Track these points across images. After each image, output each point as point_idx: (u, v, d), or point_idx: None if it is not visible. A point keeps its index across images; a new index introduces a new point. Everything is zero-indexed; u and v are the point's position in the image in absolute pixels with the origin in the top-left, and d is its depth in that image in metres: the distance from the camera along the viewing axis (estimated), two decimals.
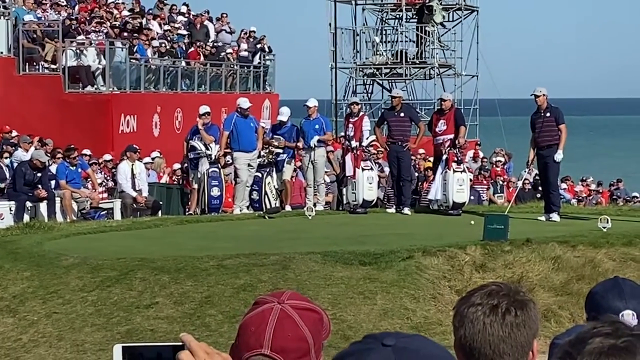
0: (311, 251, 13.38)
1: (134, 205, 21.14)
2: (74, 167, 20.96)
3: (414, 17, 39.93)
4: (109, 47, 26.93)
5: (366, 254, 13.25)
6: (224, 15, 35.28)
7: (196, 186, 20.18)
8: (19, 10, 26.40)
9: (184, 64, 30.86)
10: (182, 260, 13.17)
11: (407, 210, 18.66)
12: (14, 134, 22.93)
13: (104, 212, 21.11)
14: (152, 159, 24.65)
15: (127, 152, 21.60)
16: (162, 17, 32.06)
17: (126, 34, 28.48)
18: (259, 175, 19.74)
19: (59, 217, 19.72)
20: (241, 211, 19.32)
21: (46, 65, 26.40)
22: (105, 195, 22.07)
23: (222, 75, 32.63)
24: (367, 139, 19.28)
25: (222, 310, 12.10)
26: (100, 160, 23.08)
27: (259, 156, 19.84)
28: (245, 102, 20.07)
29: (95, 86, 26.76)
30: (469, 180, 19.49)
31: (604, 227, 14.97)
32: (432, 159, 21.10)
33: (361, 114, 19.73)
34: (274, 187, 19.82)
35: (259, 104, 32.15)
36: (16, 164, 20.39)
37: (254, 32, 35.53)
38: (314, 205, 19.10)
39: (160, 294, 12.44)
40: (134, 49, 27.97)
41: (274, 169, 19.93)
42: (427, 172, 23.35)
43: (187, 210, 20.99)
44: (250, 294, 12.00)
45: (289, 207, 19.85)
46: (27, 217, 19.16)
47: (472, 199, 21.37)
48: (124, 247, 14.40)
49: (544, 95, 17.37)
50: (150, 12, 31.98)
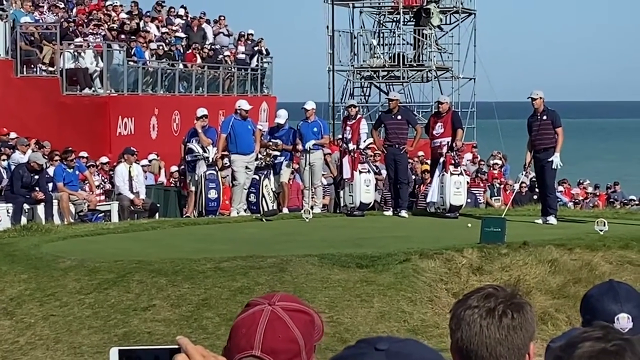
0: (308, 254, 13.35)
1: (132, 207, 21.13)
2: (72, 170, 20.95)
3: (412, 20, 39.93)
4: (107, 50, 26.94)
5: (363, 257, 13.23)
6: (222, 17, 35.30)
7: (193, 189, 20.17)
8: (17, 12, 26.38)
9: (181, 66, 30.86)
10: (180, 262, 13.15)
11: (404, 213, 18.66)
12: (12, 135, 22.90)
13: (101, 215, 21.08)
14: (150, 161, 24.66)
15: (124, 155, 21.58)
16: (159, 20, 32.08)
17: (124, 37, 28.48)
18: (257, 177, 19.75)
19: (57, 219, 19.71)
20: (238, 214, 19.32)
21: (44, 67, 26.39)
22: (102, 197, 22.05)
23: (219, 77, 32.62)
24: (365, 141, 19.29)
25: (219, 312, 12.09)
26: (97, 162, 23.07)
27: (257, 159, 19.85)
28: (245, 104, 20.09)
29: (92, 88, 26.75)
30: (466, 183, 19.51)
31: (601, 230, 14.96)
32: (429, 162, 21.12)
33: (359, 116, 19.74)
34: (272, 189, 19.82)
35: (257, 107, 32.12)
36: (14, 167, 20.40)
37: (251, 34, 35.57)
38: (311, 207, 19.09)
39: (157, 297, 12.43)
40: (132, 52, 27.96)
41: (272, 172, 19.94)
42: (424, 174, 23.35)
43: (184, 212, 20.98)
44: (247, 296, 11.97)
45: (286, 210, 19.86)
46: (24, 220, 19.15)
47: (469, 201, 21.37)
48: (121, 249, 14.38)
49: (540, 98, 17.37)
50: (148, 14, 31.99)
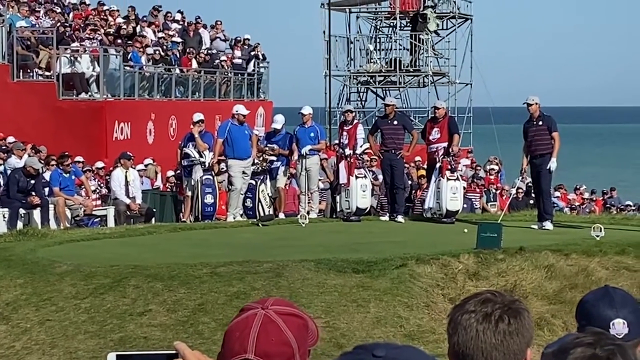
0: (304, 259, 13.35)
1: (128, 212, 21.12)
2: (68, 174, 20.92)
3: (408, 25, 39.97)
4: (103, 54, 26.93)
5: (359, 262, 13.23)
6: (219, 22, 35.30)
7: (190, 193, 20.17)
8: (13, 17, 26.36)
9: (178, 71, 30.86)
10: (176, 267, 13.15)
11: (400, 218, 18.67)
12: (9, 140, 22.88)
13: (97, 219, 21.06)
14: (146, 166, 24.65)
15: (120, 159, 21.57)
16: (156, 25, 32.07)
17: (120, 41, 28.48)
18: (253, 182, 19.77)
19: (53, 224, 19.69)
20: (235, 219, 19.32)
21: (40, 72, 26.37)
22: (98, 202, 22.02)
23: (216, 82, 32.63)
24: (361, 146, 19.31)
25: (215, 317, 12.07)
26: (93, 167, 23.06)
27: (253, 164, 19.86)
28: (243, 109, 20.14)
29: (89, 93, 26.73)
30: (463, 188, 19.52)
31: (597, 236, 14.96)
32: (425, 167, 21.12)
33: (355, 121, 19.75)
34: (268, 194, 19.83)
35: (253, 112, 32.12)
36: (10, 171, 20.37)
37: (248, 39, 35.60)
38: (308, 212, 19.09)
39: (153, 302, 12.42)
40: (128, 56, 27.95)
41: (268, 177, 19.95)
42: (420, 180, 23.37)
43: (180, 217, 20.98)
44: (243, 301, 11.95)
45: (282, 215, 19.86)
46: (20, 224, 19.13)
47: (465, 207, 21.38)
48: (118, 254, 14.37)
49: (536, 103, 17.39)
50: (144, 19, 31.97)
